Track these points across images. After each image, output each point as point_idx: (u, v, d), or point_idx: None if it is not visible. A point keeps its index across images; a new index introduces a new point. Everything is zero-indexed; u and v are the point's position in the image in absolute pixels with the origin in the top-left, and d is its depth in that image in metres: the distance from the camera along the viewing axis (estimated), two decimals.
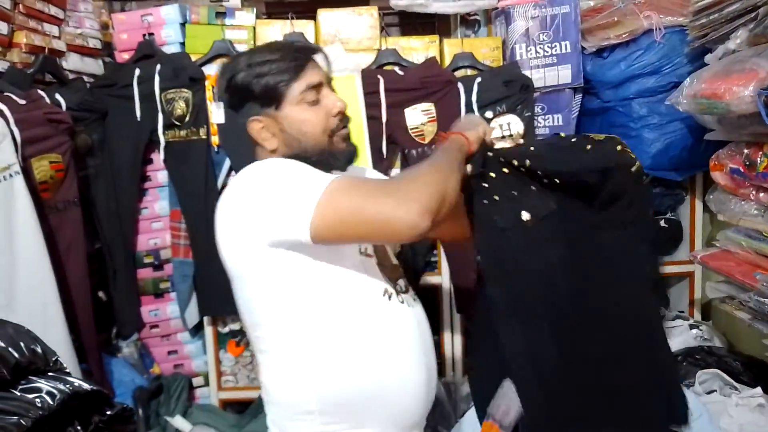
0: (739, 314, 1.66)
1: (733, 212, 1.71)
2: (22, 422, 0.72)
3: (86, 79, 2.19)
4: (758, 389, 1.64)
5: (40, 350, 0.82)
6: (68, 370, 0.86)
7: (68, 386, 0.80)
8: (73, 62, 2.15)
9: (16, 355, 0.78)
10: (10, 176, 1.58)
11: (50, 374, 0.82)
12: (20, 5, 1.87)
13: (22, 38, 1.86)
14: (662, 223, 2.37)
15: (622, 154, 1.19)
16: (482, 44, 2.25)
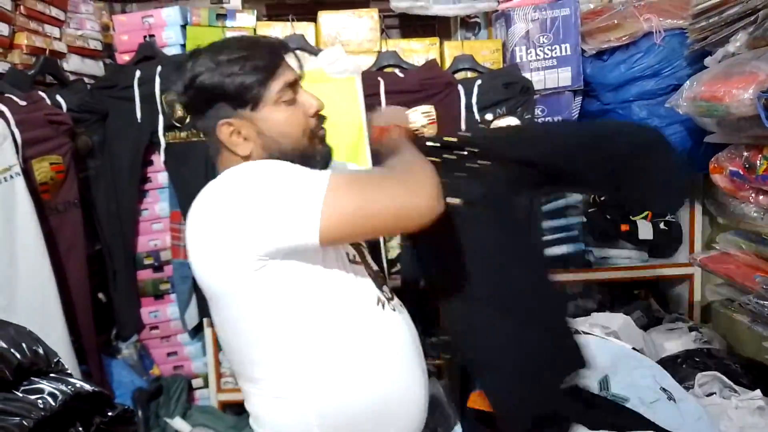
0: (738, 317, 1.67)
1: (732, 215, 1.72)
2: (24, 423, 0.72)
3: (87, 80, 2.19)
4: (758, 392, 1.64)
5: (41, 351, 0.81)
6: (69, 371, 0.86)
7: (70, 387, 0.79)
8: (73, 64, 2.15)
9: (18, 356, 0.78)
10: (10, 177, 1.57)
11: (52, 375, 0.81)
12: (21, 7, 1.87)
13: (23, 39, 1.86)
14: (662, 225, 2.38)
15: None
16: (482, 46, 2.25)
